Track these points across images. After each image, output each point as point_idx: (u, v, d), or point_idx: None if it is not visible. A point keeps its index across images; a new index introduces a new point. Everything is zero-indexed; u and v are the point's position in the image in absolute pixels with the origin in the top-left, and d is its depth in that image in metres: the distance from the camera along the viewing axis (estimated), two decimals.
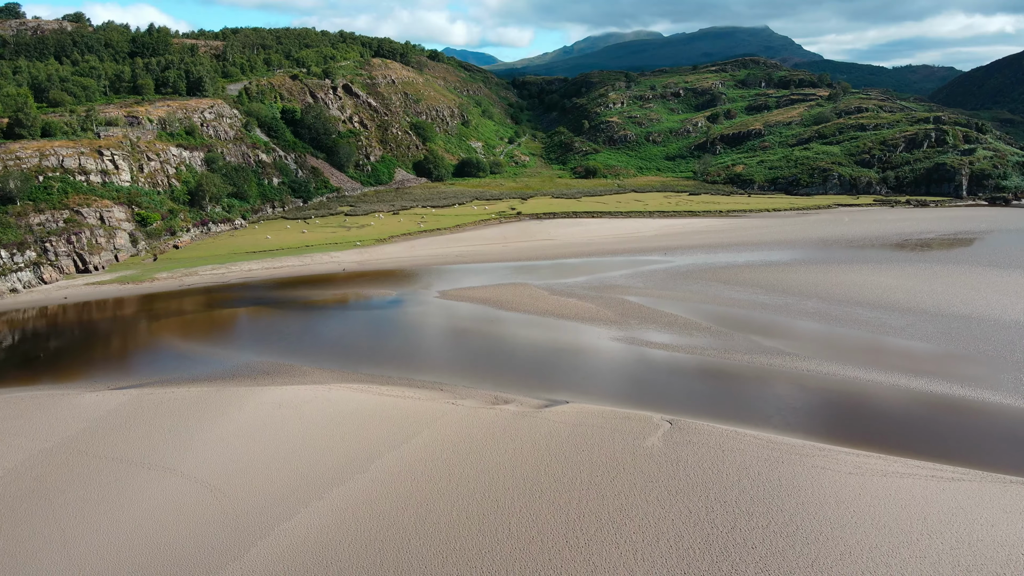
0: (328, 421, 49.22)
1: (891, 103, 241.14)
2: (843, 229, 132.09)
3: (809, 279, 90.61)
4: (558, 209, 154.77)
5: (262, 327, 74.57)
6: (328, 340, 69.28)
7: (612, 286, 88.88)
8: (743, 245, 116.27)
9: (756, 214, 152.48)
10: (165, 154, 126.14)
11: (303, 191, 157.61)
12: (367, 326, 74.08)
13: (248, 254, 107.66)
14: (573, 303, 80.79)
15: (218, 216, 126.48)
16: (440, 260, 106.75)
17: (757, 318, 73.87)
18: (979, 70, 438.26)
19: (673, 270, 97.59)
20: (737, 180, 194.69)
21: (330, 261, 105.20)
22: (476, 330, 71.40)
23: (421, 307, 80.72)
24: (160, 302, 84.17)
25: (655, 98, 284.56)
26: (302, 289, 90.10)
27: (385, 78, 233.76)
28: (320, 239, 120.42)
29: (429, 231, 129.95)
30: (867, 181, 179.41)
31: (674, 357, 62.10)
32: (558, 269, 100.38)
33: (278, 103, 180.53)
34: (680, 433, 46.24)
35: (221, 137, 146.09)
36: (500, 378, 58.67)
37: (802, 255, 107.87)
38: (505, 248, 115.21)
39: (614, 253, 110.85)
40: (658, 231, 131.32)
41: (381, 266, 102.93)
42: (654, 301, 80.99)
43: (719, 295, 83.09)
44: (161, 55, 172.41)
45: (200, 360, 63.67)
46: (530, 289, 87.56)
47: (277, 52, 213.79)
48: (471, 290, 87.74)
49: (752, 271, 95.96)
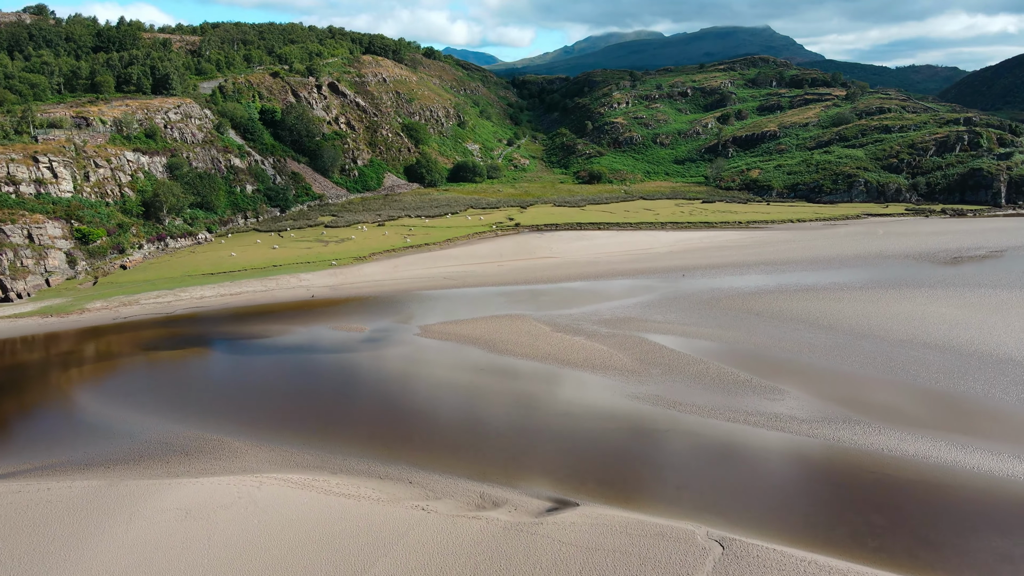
0: (248, 544, 35.37)
1: (914, 103, 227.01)
2: (880, 244, 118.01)
3: (857, 310, 76.63)
4: (560, 220, 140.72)
5: (198, 379, 60.52)
6: (275, 399, 55.23)
7: (626, 319, 74.92)
8: (771, 264, 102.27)
9: (779, 226, 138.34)
10: (118, 160, 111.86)
11: (280, 199, 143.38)
12: (327, 378, 59.97)
13: (204, 276, 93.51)
14: (580, 343, 66.88)
15: (178, 230, 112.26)
16: (426, 283, 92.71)
17: (807, 365, 59.89)
18: (988, 70, 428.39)
19: (695, 296, 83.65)
20: (753, 186, 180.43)
21: (298, 285, 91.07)
22: (461, 385, 57.40)
23: (396, 349, 66.70)
24: (82, 342, 69.95)
25: (661, 98, 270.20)
26: (258, 323, 75.99)
27: (376, 76, 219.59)
28: (291, 256, 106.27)
29: (416, 246, 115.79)
30: (896, 188, 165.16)
31: (711, 427, 48.11)
32: (561, 295, 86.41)
33: (256, 103, 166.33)
34: (737, 564, 32.43)
35: (188, 140, 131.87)
36: (488, 461, 44.82)
37: (841, 277, 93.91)
38: (501, 268, 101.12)
39: (625, 274, 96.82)
40: (672, 246, 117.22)
41: (356, 291, 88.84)
42: (678, 341, 67.05)
43: (755, 332, 69.09)
44: (128, 50, 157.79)
45: (105, 430, 49.64)
46: (529, 323, 73.61)
47: (259, 48, 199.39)
48: (459, 324, 73.79)
49: (788, 298, 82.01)
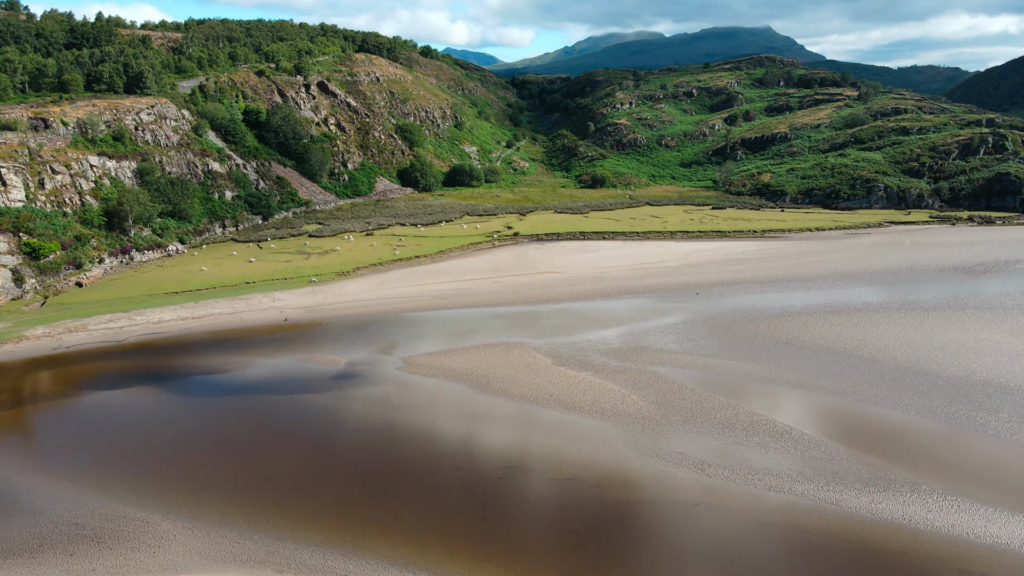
0: None
1: (930, 103, 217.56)
2: (909, 256, 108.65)
3: (899, 338, 67.30)
4: (562, 228, 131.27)
5: (135, 429, 51.10)
6: (220, 458, 45.85)
7: (638, 348, 65.65)
8: (794, 280, 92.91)
9: (796, 235, 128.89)
10: (80, 164, 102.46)
11: (263, 206, 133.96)
12: (288, 430, 50.57)
13: (167, 296, 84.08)
14: (587, 381, 57.65)
15: (145, 241, 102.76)
16: (414, 304, 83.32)
17: (855, 414, 50.52)
18: (993, 70, 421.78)
19: (713, 320, 74.30)
20: (765, 191, 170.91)
21: (271, 306, 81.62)
22: (447, 440, 47.99)
23: (374, 389, 57.34)
24: (10, 379, 60.59)
25: (666, 98, 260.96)
26: (218, 353, 66.60)
27: (369, 75, 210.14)
28: (268, 272, 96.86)
29: (405, 259, 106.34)
30: (917, 193, 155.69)
31: (753, 501, 38.64)
32: (564, 318, 77.04)
33: (240, 103, 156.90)
34: None
35: (161, 143, 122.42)
36: (471, 554, 35.54)
37: (873, 296, 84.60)
38: (497, 285, 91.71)
39: (634, 292, 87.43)
40: (685, 259, 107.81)
41: (335, 313, 79.42)
42: (699, 378, 57.79)
43: (785, 366, 59.78)
44: (103, 47, 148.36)
45: (3, 506, 40.36)
46: (528, 354, 64.34)
47: (245, 45, 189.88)
48: (448, 355, 64.51)
49: (818, 322, 72.67)
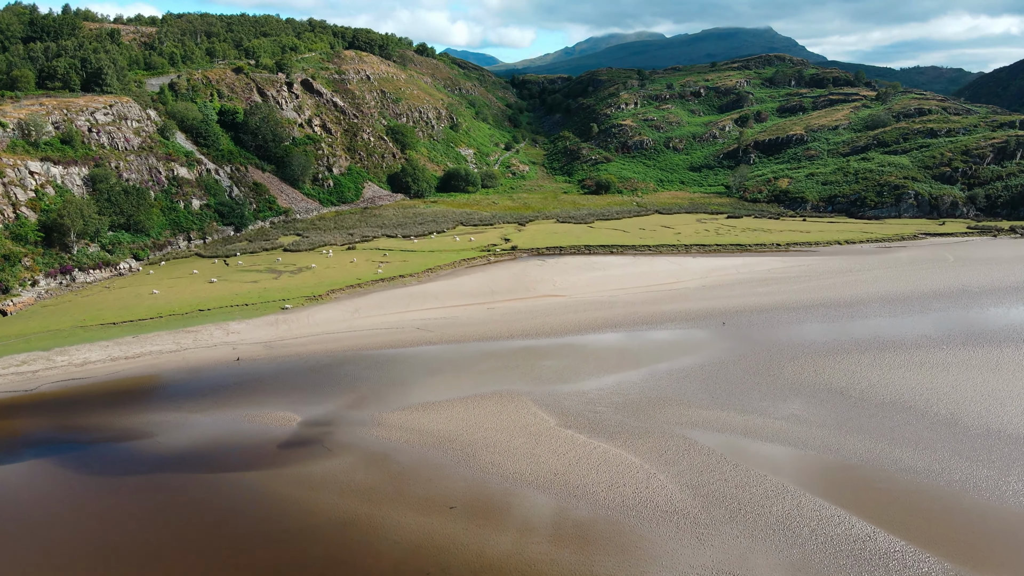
0: None
1: (955, 104, 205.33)
2: (957, 275, 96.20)
3: (978, 387, 54.81)
4: (565, 241, 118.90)
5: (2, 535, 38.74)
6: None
7: (661, 400, 53.31)
8: (833, 305, 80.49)
9: (825, 249, 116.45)
10: (16, 171, 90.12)
11: (235, 216, 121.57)
12: (206, 541, 38.10)
13: (102, 328, 71.65)
14: (600, 451, 45.38)
15: (91, 259, 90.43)
16: (392, 338, 70.90)
17: (949, 511, 38.02)
18: (1002, 71, 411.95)
19: (749, 359, 61.90)
20: (784, 198, 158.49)
21: (222, 341, 69.17)
22: (418, 544, 35.64)
23: (334, 464, 44.93)
24: None
25: (673, 98, 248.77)
26: (146, 409, 54.11)
27: (359, 73, 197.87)
28: (228, 295, 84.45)
29: (388, 279, 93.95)
30: (951, 201, 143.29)
31: None
32: (569, 357, 64.65)
33: (215, 102, 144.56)
34: None
35: (119, 147, 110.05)
36: None
37: (930, 327, 72.09)
38: (491, 312, 79.26)
39: (651, 322, 75.00)
40: (705, 279, 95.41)
41: (300, 350, 67.00)
42: (741, 445, 45.48)
43: (847, 428, 47.31)
44: (58, 40, 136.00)
45: None
46: (525, 408, 52.05)
47: (225, 41, 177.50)
48: (428, 411, 52.20)
49: (873, 363, 60.18)
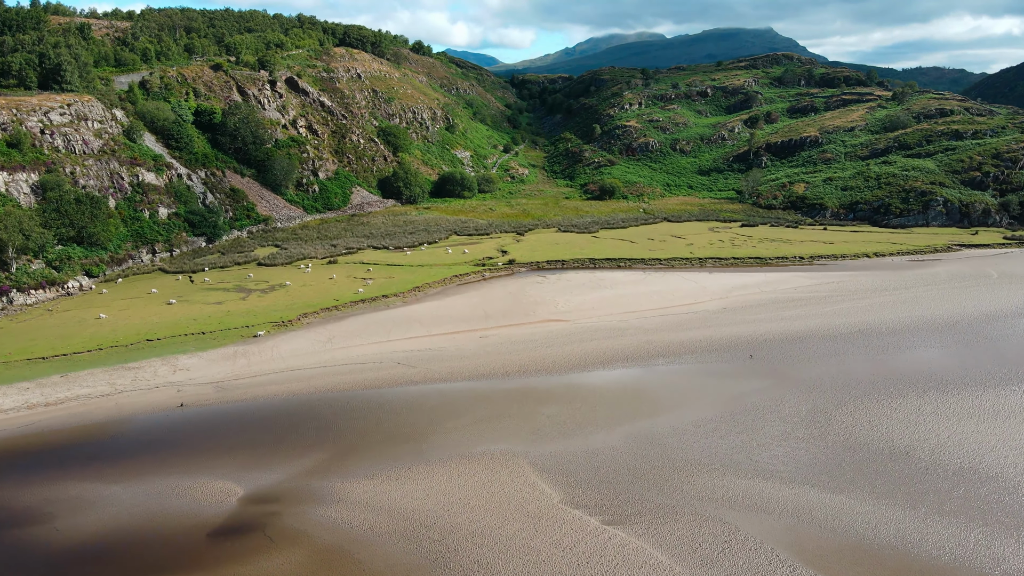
0: None
1: (977, 105, 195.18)
2: (1007, 295, 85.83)
3: None
4: (567, 253, 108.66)
5: None
6: None
7: (689, 463, 42.91)
8: (874, 333, 70.18)
9: (852, 262, 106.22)
10: None
11: (208, 225, 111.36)
12: None
13: (27, 364, 61.41)
14: (616, 542, 35.48)
15: (32, 278, 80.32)
16: (368, 376, 60.65)
17: None
18: (1008, 71, 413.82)
19: (788, 406, 51.58)
20: (801, 204, 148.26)
21: (167, 381, 58.98)
22: None
23: (270, 565, 34.69)
24: None
25: (678, 98, 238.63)
26: (53, 478, 43.89)
27: (348, 71, 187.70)
28: (184, 320, 74.20)
29: (370, 300, 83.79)
30: (983, 208, 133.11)
31: None
32: (574, 403, 54.42)
33: (190, 101, 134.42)
34: None
35: (76, 150, 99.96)
36: None
37: (992, 362, 61.81)
38: (484, 342, 69.00)
39: (668, 354, 64.76)
40: (724, 299, 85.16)
41: (257, 392, 56.78)
42: (797, 534, 35.02)
43: (921, 513, 36.83)
44: (20, 34, 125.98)
45: None
46: (522, 478, 41.90)
47: (205, 37, 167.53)
48: (402, 482, 42.02)
49: (936, 413, 49.87)
